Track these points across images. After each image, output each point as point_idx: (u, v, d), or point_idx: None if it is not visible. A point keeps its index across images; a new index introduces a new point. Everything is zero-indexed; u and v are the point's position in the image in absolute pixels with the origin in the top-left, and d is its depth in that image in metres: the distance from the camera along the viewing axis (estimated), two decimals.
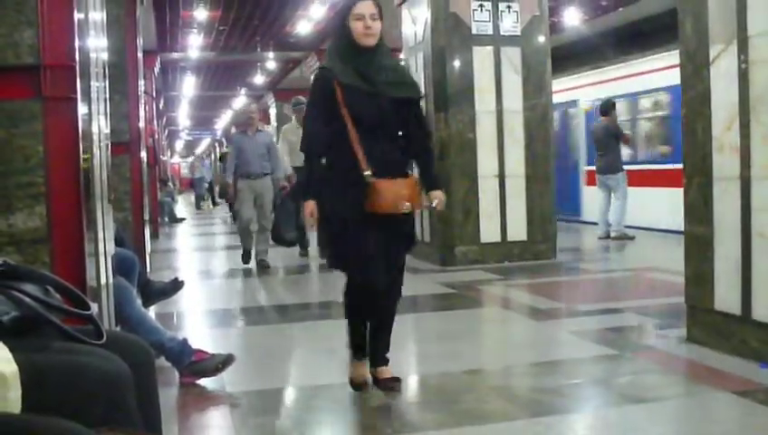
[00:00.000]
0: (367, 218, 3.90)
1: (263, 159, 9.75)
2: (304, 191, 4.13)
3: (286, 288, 8.17)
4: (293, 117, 10.90)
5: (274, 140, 10.99)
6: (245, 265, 9.97)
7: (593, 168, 13.05)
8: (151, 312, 6.75)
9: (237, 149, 9.88)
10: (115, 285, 4.18)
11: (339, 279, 4.32)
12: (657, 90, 13.30)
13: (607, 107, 12.10)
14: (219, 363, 4.50)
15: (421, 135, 4.23)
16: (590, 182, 14.26)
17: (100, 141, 3.43)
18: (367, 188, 3.88)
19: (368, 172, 3.88)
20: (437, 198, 4.18)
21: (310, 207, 4.02)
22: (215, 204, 28.13)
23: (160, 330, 4.53)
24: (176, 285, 6.14)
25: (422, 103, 4.41)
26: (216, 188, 24.10)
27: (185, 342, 4.53)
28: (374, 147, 3.96)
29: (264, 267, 9.70)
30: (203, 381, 4.49)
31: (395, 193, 3.91)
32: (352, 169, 3.91)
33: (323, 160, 4.11)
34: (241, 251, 10.15)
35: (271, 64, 20.06)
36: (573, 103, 16.04)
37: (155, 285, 5.97)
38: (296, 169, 9.68)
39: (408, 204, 3.93)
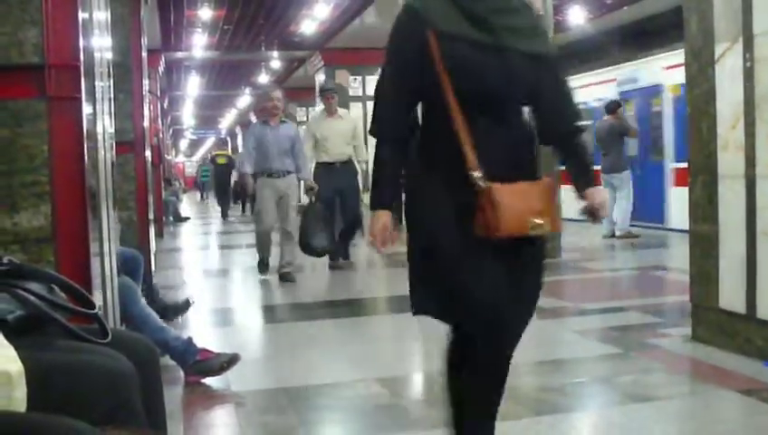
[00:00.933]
0: (481, 242, 2.59)
1: (286, 156, 8.58)
2: (373, 195, 2.80)
3: (291, 286, 8.16)
4: (322, 105, 9.89)
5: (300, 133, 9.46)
6: (262, 276, 8.90)
7: (684, 165, 12.39)
8: None
9: (257, 142, 8.68)
10: (120, 283, 4.18)
11: (345, 275, 4.30)
12: None
13: (612, 105, 12.07)
14: (224, 362, 4.50)
15: (567, 113, 2.85)
16: (680, 182, 11.98)
17: (104, 141, 3.44)
18: (478, 198, 2.57)
19: (478, 173, 2.57)
20: (600, 197, 2.82)
21: (381, 220, 2.74)
22: (243, 209, 23.34)
23: (165, 329, 4.53)
24: (187, 304, 6.45)
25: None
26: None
27: (189, 341, 4.53)
28: (490, 134, 2.65)
29: (288, 281, 8.46)
30: (208, 380, 4.49)
31: (523, 205, 2.59)
32: (454, 166, 2.61)
33: (404, 151, 2.79)
34: (257, 259, 9.04)
35: (275, 64, 20.08)
36: (656, 89, 13.50)
37: (166, 304, 6.14)
38: (323, 164, 9.22)
39: (540, 222, 2.59)
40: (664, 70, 13.06)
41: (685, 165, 12.41)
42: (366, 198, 7.33)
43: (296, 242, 8.52)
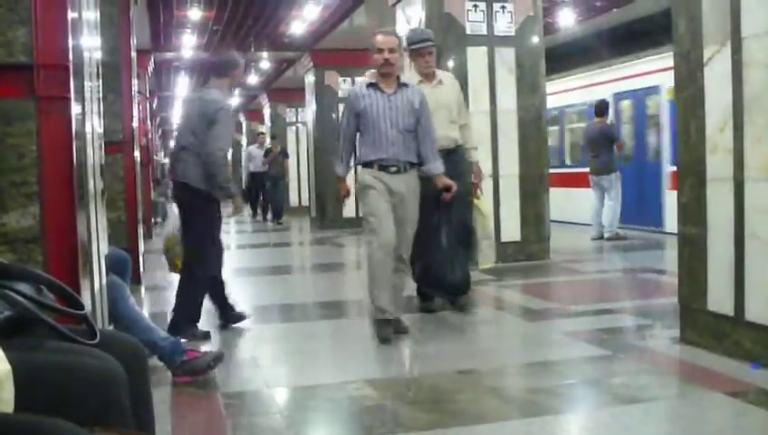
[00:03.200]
0: None
1: (409, 138, 5.64)
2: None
3: (282, 287, 8.16)
4: (411, 63, 6.78)
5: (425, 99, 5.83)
6: (384, 339, 5.47)
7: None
8: (145, 311, 6.75)
9: (362, 116, 5.67)
10: (109, 282, 4.17)
11: (339, 279, 4.30)
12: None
13: (602, 108, 12.11)
14: (210, 361, 4.49)
15: None
16: (676, 186, 12.08)
17: (93, 141, 3.43)
18: None
19: None
20: None
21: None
22: (255, 212, 21.20)
23: (153, 329, 4.52)
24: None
25: None
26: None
27: (177, 341, 4.52)
28: None
29: (400, 332, 5.65)
30: (196, 382, 4.48)
31: None
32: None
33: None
34: (368, 308, 5.89)
35: (265, 64, 20.04)
36: (653, 90, 13.39)
37: (233, 307, 6.29)
38: (445, 151, 6.14)
39: None
40: (661, 72, 12.99)
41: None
42: (482, 205, 6.68)
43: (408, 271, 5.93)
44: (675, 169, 12.17)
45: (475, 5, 9.28)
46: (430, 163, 5.72)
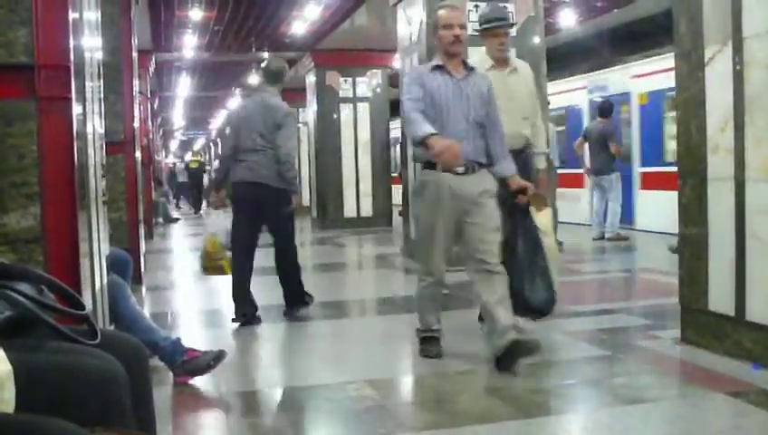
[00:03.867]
0: None
1: (478, 133, 4.75)
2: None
3: (278, 288, 8.14)
4: (483, 46, 5.70)
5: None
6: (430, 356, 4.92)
7: (652, 169, 13.08)
8: (146, 311, 6.76)
9: (427, 100, 4.68)
10: (110, 282, 4.17)
11: (340, 276, 4.30)
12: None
13: (606, 108, 12.10)
14: (211, 360, 4.49)
15: None
16: (648, 186, 13.20)
17: (94, 141, 3.43)
18: None
19: None
20: None
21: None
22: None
23: (154, 329, 4.52)
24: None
25: None
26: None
27: (177, 341, 4.52)
28: None
29: (508, 369, 4.54)
30: (197, 382, 4.48)
31: None
32: None
33: None
34: (415, 341, 5.14)
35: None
36: (625, 97, 13.96)
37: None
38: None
39: None
40: (632, 78, 13.80)
41: (649, 169, 12.98)
42: (543, 220, 5.09)
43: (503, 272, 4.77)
44: (644, 170, 13.03)
45: (476, 6, 9.27)
46: (501, 162, 4.82)
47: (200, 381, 4.49)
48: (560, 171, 12.97)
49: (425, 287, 4.91)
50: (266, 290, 7.75)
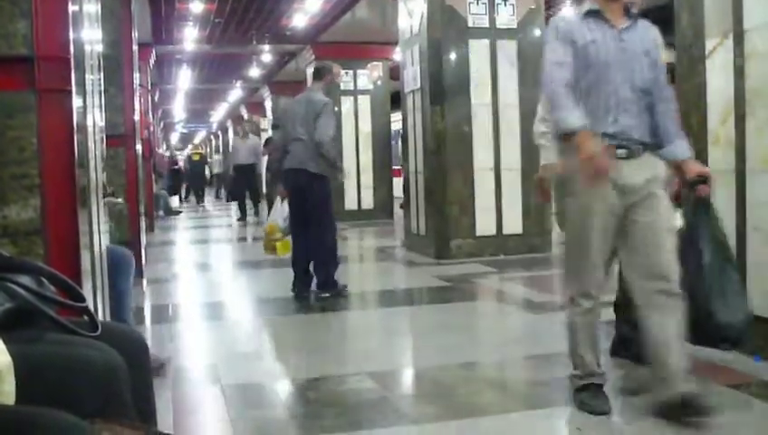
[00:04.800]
0: None
1: (643, 103, 3.62)
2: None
3: (284, 279, 8.14)
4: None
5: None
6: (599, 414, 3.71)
7: None
8: (147, 303, 6.77)
9: (578, 59, 3.54)
10: (120, 254, 4.16)
11: (340, 268, 4.28)
12: None
13: None
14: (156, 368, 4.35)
15: None
16: None
17: (94, 134, 3.42)
18: None
19: None
20: None
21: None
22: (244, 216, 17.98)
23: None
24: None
25: None
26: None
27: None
28: None
29: (700, 413, 3.46)
30: (198, 374, 4.49)
31: None
32: None
33: None
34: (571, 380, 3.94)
35: (266, 57, 20.02)
36: None
37: None
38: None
39: None
40: None
41: None
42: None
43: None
44: None
45: None
46: (674, 142, 3.64)
47: (201, 374, 4.49)
48: None
49: (580, 314, 3.70)
50: (272, 282, 7.78)
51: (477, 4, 9.32)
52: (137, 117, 9.65)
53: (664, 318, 3.49)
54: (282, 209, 7.40)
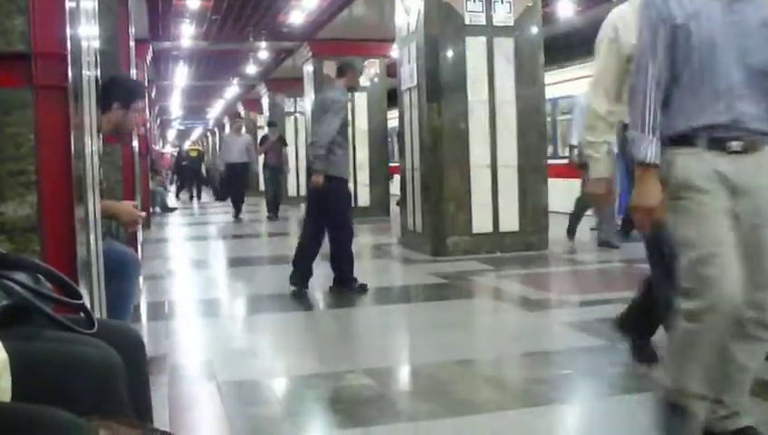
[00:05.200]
0: None
1: (763, 86, 2.88)
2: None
3: (281, 276, 8.14)
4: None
5: None
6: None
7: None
8: (143, 300, 6.77)
9: (678, 39, 2.86)
10: (130, 256, 4.14)
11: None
12: None
13: None
14: None
15: None
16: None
17: (91, 130, 3.42)
18: None
19: None
20: None
21: None
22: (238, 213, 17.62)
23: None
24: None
25: None
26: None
27: None
28: None
29: None
30: (194, 371, 4.49)
31: None
32: None
33: None
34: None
35: (263, 54, 20.01)
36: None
37: None
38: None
39: None
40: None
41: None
42: None
43: None
44: None
45: None
46: None
47: (197, 372, 4.49)
48: (557, 161, 13.02)
49: (703, 312, 2.77)
50: (269, 279, 7.78)
51: (474, 1, 9.32)
52: None
53: (751, 350, 2.94)
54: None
